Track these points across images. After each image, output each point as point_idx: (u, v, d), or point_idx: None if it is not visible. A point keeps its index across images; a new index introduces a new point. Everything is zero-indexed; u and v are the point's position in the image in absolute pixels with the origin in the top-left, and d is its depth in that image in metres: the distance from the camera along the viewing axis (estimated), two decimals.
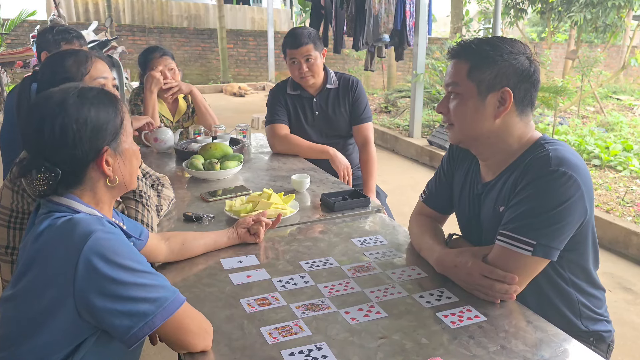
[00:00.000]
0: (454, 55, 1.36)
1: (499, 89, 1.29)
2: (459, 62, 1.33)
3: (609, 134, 6.26)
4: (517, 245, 1.23)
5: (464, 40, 1.36)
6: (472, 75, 1.30)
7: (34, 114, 1.03)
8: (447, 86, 1.37)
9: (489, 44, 1.31)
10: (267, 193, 1.80)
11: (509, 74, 1.29)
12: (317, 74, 2.57)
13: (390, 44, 5.82)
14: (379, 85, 10.47)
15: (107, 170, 1.07)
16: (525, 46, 1.33)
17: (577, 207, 1.23)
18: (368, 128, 2.66)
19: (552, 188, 1.22)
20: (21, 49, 7.61)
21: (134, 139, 1.18)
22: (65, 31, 2.51)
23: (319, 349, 1.06)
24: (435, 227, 1.56)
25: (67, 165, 1.03)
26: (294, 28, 2.61)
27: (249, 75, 12.54)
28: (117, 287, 0.95)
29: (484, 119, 1.32)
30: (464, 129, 1.36)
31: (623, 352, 2.43)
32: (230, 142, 2.61)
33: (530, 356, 1.06)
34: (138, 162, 1.18)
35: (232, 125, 2.96)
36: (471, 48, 1.32)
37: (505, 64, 1.28)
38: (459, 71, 1.33)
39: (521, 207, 1.25)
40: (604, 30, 8.02)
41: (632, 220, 3.73)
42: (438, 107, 1.40)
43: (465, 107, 1.33)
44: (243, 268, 1.43)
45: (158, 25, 12.46)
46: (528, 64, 1.30)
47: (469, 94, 1.31)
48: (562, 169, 1.22)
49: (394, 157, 6.22)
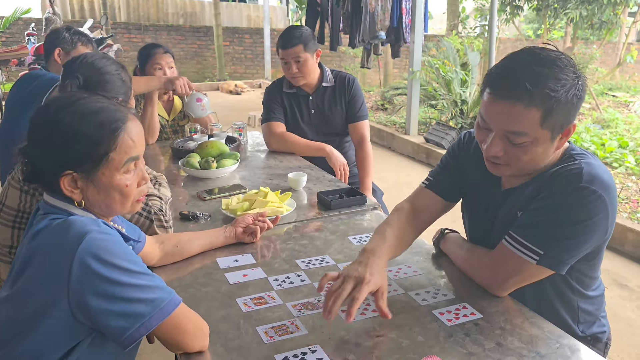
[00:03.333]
0: (512, 97, 1.13)
1: (568, 125, 1.19)
2: (525, 109, 1.12)
3: (604, 131, 6.28)
4: (522, 251, 1.20)
5: (521, 75, 1.12)
6: (546, 123, 1.14)
7: (37, 109, 1.06)
8: (507, 132, 1.17)
9: (557, 78, 1.11)
10: (264, 191, 1.80)
11: (577, 106, 1.17)
12: (307, 75, 2.57)
13: (387, 41, 5.82)
14: (375, 82, 10.46)
15: (67, 192, 1.03)
16: (572, 60, 1.17)
17: (599, 227, 1.19)
18: (364, 126, 2.66)
19: (577, 204, 1.17)
20: (16, 47, 7.58)
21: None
22: (81, 33, 2.54)
23: (313, 352, 1.06)
24: (405, 229, 1.40)
25: (37, 167, 1.05)
26: (288, 27, 2.61)
27: (245, 73, 12.51)
28: (112, 287, 0.94)
29: (548, 157, 1.23)
30: (524, 169, 1.25)
31: (619, 348, 2.44)
32: (226, 140, 2.61)
33: (526, 353, 1.06)
34: (126, 197, 1.08)
35: (229, 123, 2.96)
36: (545, 93, 1.11)
37: (574, 100, 1.15)
38: (528, 120, 1.13)
39: (539, 215, 1.21)
40: (599, 27, 8.04)
41: (628, 217, 3.75)
42: (490, 150, 1.21)
43: (534, 153, 1.19)
44: (239, 267, 1.43)
45: (154, 22, 12.42)
46: (581, 83, 1.16)
47: (541, 140, 1.17)
48: (592, 187, 1.16)
49: (391, 154, 6.22)
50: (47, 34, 2.57)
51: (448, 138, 5.62)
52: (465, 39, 8.35)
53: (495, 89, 1.16)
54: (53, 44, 2.46)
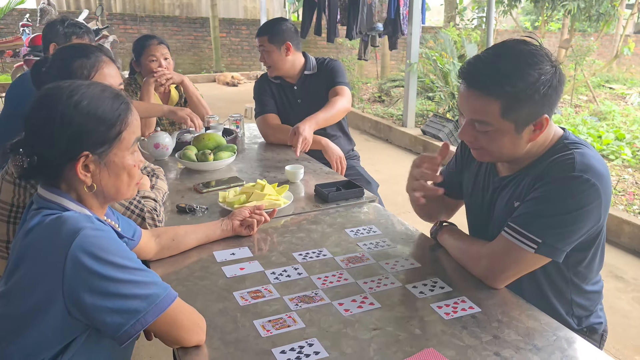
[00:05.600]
0: (475, 86, 1.21)
1: (537, 119, 1.22)
2: (485, 99, 1.20)
3: (601, 123, 6.29)
4: (522, 240, 1.23)
5: (484, 68, 1.20)
6: (507, 115, 1.20)
7: (37, 97, 1.05)
8: (473, 120, 1.25)
9: (520, 75, 1.16)
10: (261, 184, 1.80)
11: (544, 101, 1.20)
12: (274, 66, 2.62)
13: (384, 33, 5.79)
14: (372, 74, 10.43)
15: (81, 176, 1.03)
16: (549, 54, 1.21)
17: (593, 215, 1.22)
18: (341, 88, 2.61)
19: (571, 193, 1.20)
20: (11, 37, 7.52)
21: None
22: (75, 25, 2.49)
23: (310, 345, 1.06)
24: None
25: (44, 157, 1.02)
26: (272, 18, 2.68)
27: (242, 65, 12.45)
28: (106, 283, 0.94)
29: (520, 147, 1.27)
30: (498, 157, 1.31)
31: (614, 339, 2.46)
32: (223, 132, 2.60)
33: (523, 345, 1.06)
34: (132, 178, 1.12)
35: (225, 115, 2.94)
36: (502, 88, 1.17)
37: (540, 96, 1.18)
38: (488, 110, 1.20)
39: (536, 205, 1.24)
40: (597, 19, 8.02)
41: (624, 209, 3.76)
42: (462, 135, 1.30)
43: (501, 142, 1.25)
44: (236, 260, 1.42)
45: (150, 13, 12.32)
46: (557, 78, 1.20)
47: (505, 131, 1.23)
48: (585, 176, 1.19)
49: (388, 146, 6.22)
50: (44, 27, 2.54)
51: (445, 130, 5.61)
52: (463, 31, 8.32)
53: (464, 79, 1.25)
54: (48, 39, 2.44)
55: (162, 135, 2.33)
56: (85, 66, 1.53)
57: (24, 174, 1.05)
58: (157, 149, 2.31)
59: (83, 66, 1.53)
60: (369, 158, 5.25)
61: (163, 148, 2.32)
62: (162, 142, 2.31)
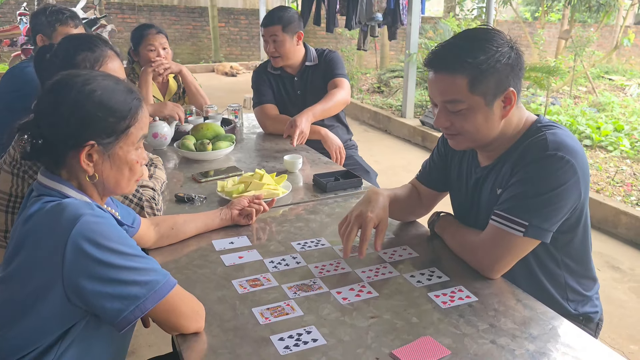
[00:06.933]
0: (441, 68, 1.27)
1: (504, 92, 1.26)
2: (452, 77, 1.25)
3: (600, 114, 6.28)
4: (509, 225, 1.25)
5: (446, 50, 1.28)
6: (475, 89, 1.24)
7: (51, 82, 1.06)
8: (444, 103, 1.29)
9: (479, 49, 1.24)
10: (259, 174, 1.80)
11: (507, 74, 1.25)
12: (285, 56, 2.58)
13: (383, 23, 5.76)
14: (371, 64, 10.39)
15: (84, 165, 1.04)
16: (502, 34, 1.29)
17: (572, 192, 1.24)
18: (340, 80, 2.61)
19: (548, 172, 1.23)
20: (8, 27, 7.46)
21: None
22: (58, 12, 2.44)
23: (308, 332, 1.07)
24: (410, 194, 1.59)
25: (49, 140, 1.03)
26: (277, 7, 2.63)
27: (241, 55, 12.40)
28: (106, 269, 0.94)
29: (494, 124, 1.30)
30: (475, 139, 1.32)
31: (610, 329, 2.48)
32: (222, 122, 2.59)
33: (519, 334, 1.07)
34: (133, 174, 1.12)
35: (224, 105, 2.93)
36: (465, 62, 1.23)
37: (502, 66, 1.24)
38: (457, 87, 1.25)
39: (517, 189, 1.26)
40: (597, 10, 7.99)
41: (622, 200, 3.77)
42: (437, 122, 1.33)
43: (475, 120, 1.28)
44: (235, 249, 1.43)
45: (148, 3, 12.23)
46: (514, 53, 1.27)
47: (476, 107, 1.26)
48: (559, 154, 1.22)
49: (387, 137, 6.21)
50: (30, 19, 2.50)
51: None
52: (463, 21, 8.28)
53: (429, 65, 1.30)
54: (34, 30, 2.40)
55: (160, 124, 2.33)
56: (89, 60, 1.52)
57: (27, 155, 1.05)
58: (155, 139, 2.31)
59: (87, 59, 1.52)
60: (368, 149, 5.25)
61: (162, 137, 2.32)
62: (161, 132, 2.31)
